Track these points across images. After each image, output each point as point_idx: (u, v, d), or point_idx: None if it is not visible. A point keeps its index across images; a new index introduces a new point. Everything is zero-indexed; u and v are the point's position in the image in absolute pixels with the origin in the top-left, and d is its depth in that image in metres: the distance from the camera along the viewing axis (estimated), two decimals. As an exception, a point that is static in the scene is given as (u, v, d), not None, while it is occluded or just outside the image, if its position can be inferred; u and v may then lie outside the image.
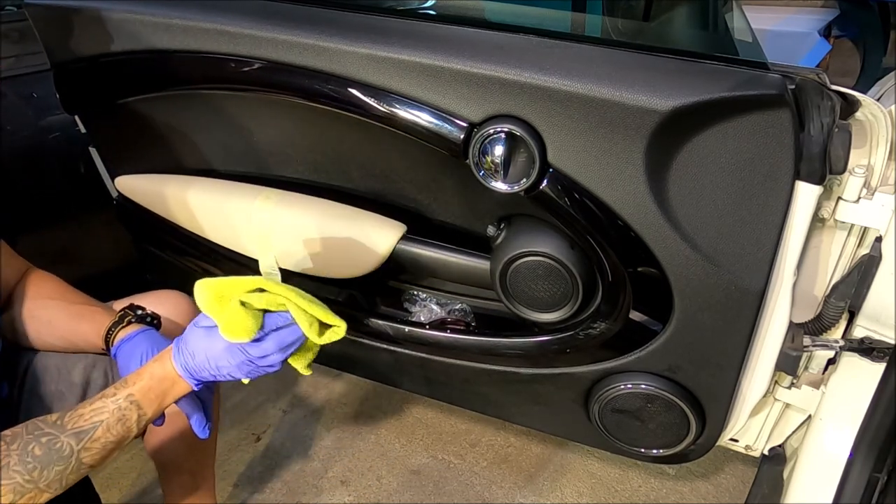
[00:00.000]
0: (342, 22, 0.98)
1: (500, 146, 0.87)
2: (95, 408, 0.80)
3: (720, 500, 1.49)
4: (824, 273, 0.99)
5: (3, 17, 1.46)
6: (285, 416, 1.78)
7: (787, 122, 0.77)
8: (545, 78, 0.82)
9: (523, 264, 0.98)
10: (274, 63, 0.97)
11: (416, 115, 0.91)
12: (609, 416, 1.09)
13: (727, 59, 0.82)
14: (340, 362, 1.33)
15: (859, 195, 0.87)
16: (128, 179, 1.29)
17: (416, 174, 1.05)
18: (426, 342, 1.16)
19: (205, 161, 1.21)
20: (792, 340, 0.96)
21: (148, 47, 1.06)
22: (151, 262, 1.41)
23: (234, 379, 0.86)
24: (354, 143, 1.06)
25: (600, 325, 1.01)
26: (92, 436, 0.78)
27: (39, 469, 0.74)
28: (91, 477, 1.08)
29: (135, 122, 1.21)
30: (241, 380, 0.87)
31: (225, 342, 0.83)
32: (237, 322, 0.82)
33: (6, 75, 1.47)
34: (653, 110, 0.79)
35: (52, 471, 0.75)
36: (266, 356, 0.85)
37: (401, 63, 0.89)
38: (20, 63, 1.48)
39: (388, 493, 1.54)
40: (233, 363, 0.84)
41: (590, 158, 0.86)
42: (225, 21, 0.99)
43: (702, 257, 0.87)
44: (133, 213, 1.32)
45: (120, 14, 1.05)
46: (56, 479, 0.75)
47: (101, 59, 1.11)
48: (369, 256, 1.08)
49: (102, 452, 0.79)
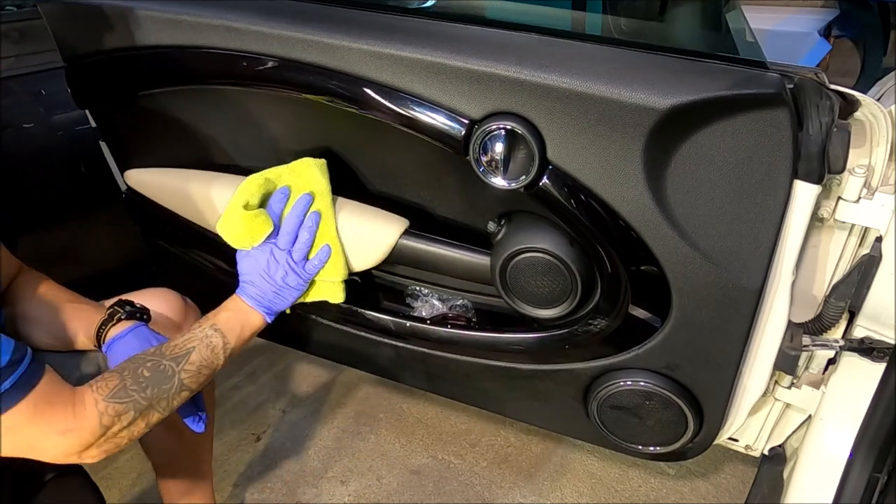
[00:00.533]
0: (346, 19, 0.99)
1: (501, 143, 0.87)
2: (186, 338, 0.92)
3: (720, 500, 1.49)
4: (824, 273, 0.99)
5: (4, 17, 1.46)
6: (285, 416, 1.78)
7: (785, 121, 0.77)
8: (545, 75, 0.83)
9: (523, 260, 0.98)
10: (279, 59, 0.98)
11: (418, 112, 0.91)
12: (607, 413, 1.09)
13: (726, 57, 0.83)
14: (342, 356, 1.34)
15: (859, 195, 0.87)
16: (137, 173, 1.30)
17: (418, 170, 1.05)
18: (427, 337, 1.16)
19: (212, 155, 1.22)
20: (791, 340, 0.96)
21: (159, 43, 1.07)
22: (159, 254, 1.42)
23: (298, 289, 1.03)
24: (358, 138, 1.06)
25: (599, 322, 1.01)
26: (188, 359, 0.89)
27: (151, 387, 0.84)
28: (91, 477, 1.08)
29: (145, 117, 1.22)
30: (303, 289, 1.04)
31: (264, 252, 1.00)
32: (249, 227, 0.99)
33: (6, 75, 1.47)
34: (651, 108, 0.79)
35: (160, 389, 0.85)
36: (293, 237, 1.01)
37: (403, 60, 0.90)
38: (20, 63, 1.48)
39: (388, 493, 1.54)
40: (281, 264, 1.01)
41: (589, 156, 0.86)
42: (233, 18, 1.00)
43: (700, 255, 0.88)
44: (141, 207, 1.33)
45: (131, 10, 1.06)
46: (164, 398, 0.85)
47: (112, 55, 1.13)
48: (372, 250, 1.08)
49: (198, 376, 0.90)
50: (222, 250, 1.28)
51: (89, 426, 0.78)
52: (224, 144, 1.19)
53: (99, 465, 1.58)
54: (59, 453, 0.78)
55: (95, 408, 0.79)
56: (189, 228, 1.28)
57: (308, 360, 1.94)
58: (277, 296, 1.01)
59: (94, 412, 0.79)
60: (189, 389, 0.89)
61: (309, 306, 1.13)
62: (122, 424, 0.81)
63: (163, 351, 0.89)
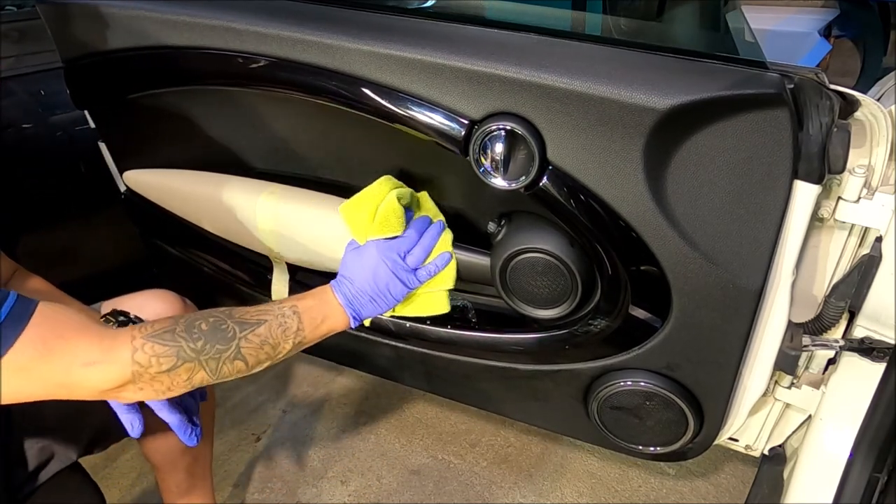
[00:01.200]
0: (345, 19, 0.99)
1: (501, 143, 0.87)
2: (262, 309, 0.84)
3: (720, 500, 1.49)
4: (824, 273, 0.99)
5: (3, 17, 1.46)
6: (285, 416, 1.78)
7: (785, 121, 0.77)
8: (545, 76, 0.83)
9: (523, 261, 0.98)
10: (279, 60, 0.98)
11: (418, 112, 0.91)
12: (608, 413, 1.09)
13: (726, 57, 0.83)
14: (342, 357, 1.34)
15: (859, 195, 0.87)
16: (136, 174, 1.30)
17: (418, 170, 1.05)
18: (427, 338, 1.16)
19: (211, 156, 1.22)
20: (791, 340, 0.96)
21: (158, 43, 1.07)
22: (158, 255, 1.42)
23: (396, 299, 0.95)
24: (358, 139, 1.06)
25: (599, 322, 1.01)
26: (255, 330, 0.81)
27: (203, 341, 0.77)
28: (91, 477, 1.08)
29: (144, 118, 1.22)
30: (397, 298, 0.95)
31: (378, 251, 0.94)
32: (388, 214, 0.94)
33: (6, 75, 1.47)
34: (651, 108, 0.79)
35: (213, 347, 0.77)
36: (412, 248, 0.96)
37: (403, 60, 0.90)
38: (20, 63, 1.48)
39: (388, 493, 1.55)
40: (391, 268, 0.93)
41: (589, 156, 0.86)
42: (231, 18, 1.00)
43: (700, 255, 0.88)
44: (140, 208, 1.33)
45: (130, 11, 1.06)
46: (214, 358, 0.78)
47: (111, 55, 1.13)
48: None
49: (258, 351, 0.81)
50: (223, 252, 1.29)
51: (119, 360, 0.73)
52: (224, 145, 1.19)
53: (99, 464, 1.58)
54: (91, 388, 0.73)
55: (130, 343, 0.74)
56: (189, 230, 1.28)
57: (308, 360, 1.94)
58: (372, 301, 0.94)
59: (128, 346, 0.73)
60: (244, 361, 0.81)
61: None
62: (160, 367, 0.75)
63: (232, 313, 0.82)
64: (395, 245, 0.95)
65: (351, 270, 0.94)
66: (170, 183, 1.24)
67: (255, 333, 0.81)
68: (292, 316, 0.86)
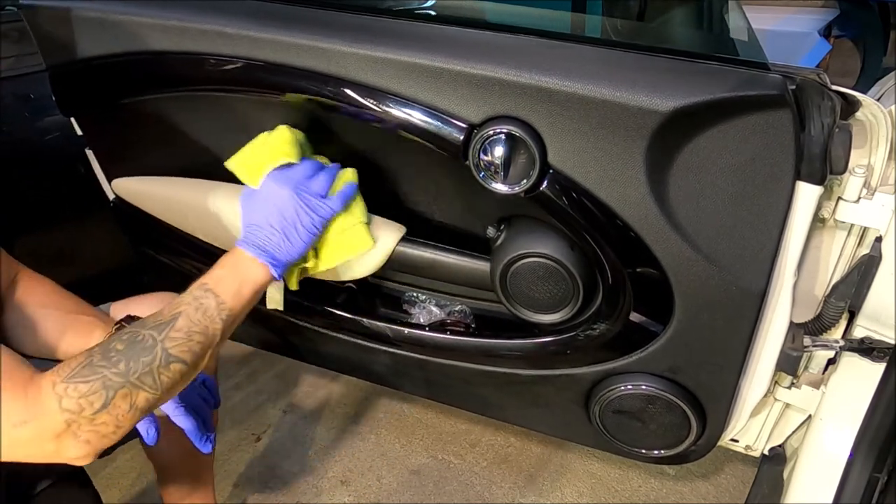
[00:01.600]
0: (341, 23, 0.98)
1: (500, 147, 0.87)
2: (173, 304, 0.79)
3: (720, 500, 1.50)
4: (824, 273, 0.99)
5: (3, 17, 1.46)
6: (285, 416, 1.78)
7: (787, 123, 0.77)
8: (545, 79, 0.82)
9: (523, 266, 0.98)
10: (272, 65, 0.97)
11: (416, 117, 0.91)
12: (610, 418, 1.08)
13: (727, 59, 0.82)
14: (340, 364, 1.33)
15: (859, 195, 0.87)
16: (125, 182, 1.28)
17: (416, 175, 1.05)
18: (426, 344, 1.16)
19: (202, 163, 1.20)
20: (792, 340, 0.96)
21: (144, 49, 1.05)
22: (149, 264, 1.41)
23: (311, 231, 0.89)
24: (354, 144, 1.05)
25: (601, 326, 1.01)
26: (173, 325, 0.76)
27: (125, 361, 0.71)
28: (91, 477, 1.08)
29: (131, 124, 1.20)
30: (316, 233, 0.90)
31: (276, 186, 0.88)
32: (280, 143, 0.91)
33: (6, 75, 1.46)
34: (653, 111, 0.79)
35: (138, 362, 0.72)
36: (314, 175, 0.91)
37: (400, 64, 0.89)
38: (20, 63, 1.48)
39: (388, 493, 1.55)
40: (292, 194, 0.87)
41: (590, 159, 0.86)
42: (222, 22, 0.98)
43: (702, 258, 0.87)
44: (130, 216, 1.32)
45: (116, 15, 1.04)
46: (146, 373, 0.72)
47: (97, 61, 1.11)
48: (370, 258, 1.07)
49: (189, 344, 0.76)
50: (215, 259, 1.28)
51: (47, 413, 0.66)
52: (213, 151, 1.18)
53: (99, 464, 1.58)
54: (32, 451, 0.67)
55: (53, 391, 0.67)
56: (179, 237, 1.26)
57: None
58: (285, 240, 0.87)
59: (52, 396, 0.67)
60: (181, 361, 0.75)
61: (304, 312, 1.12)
62: (93, 408, 0.68)
63: (144, 322, 0.76)
64: (294, 172, 0.90)
65: (251, 216, 0.88)
66: (159, 190, 1.23)
67: (175, 329, 0.76)
68: (205, 295, 0.80)
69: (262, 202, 0.89)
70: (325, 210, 0.91)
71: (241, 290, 0.84)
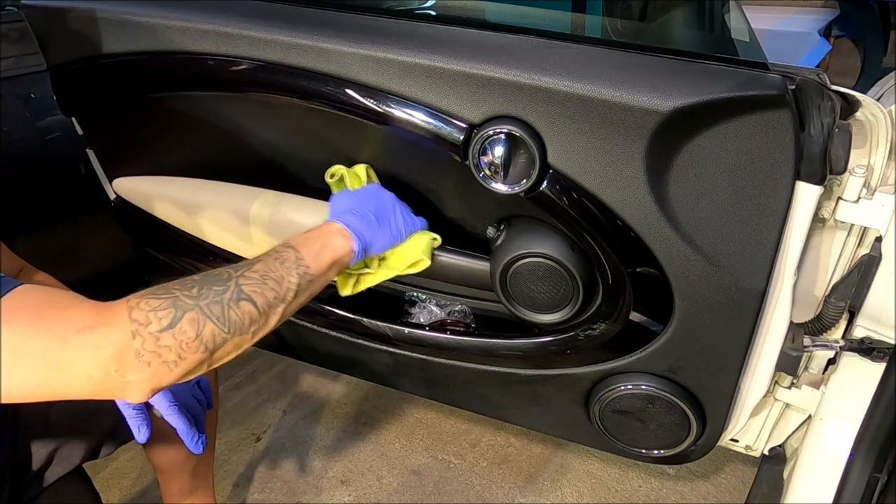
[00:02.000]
0: (342, 23, 0.98)
1: (500, 147, 0.87)
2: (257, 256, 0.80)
3: (720, 500, 1.50)
4: (824, 273, 0.99)
5: (3, 17, 1.46)
6: (285, 416, 1.78)
7: (787, 123, 0.77)
8: (545, 79, 0.82)
9: (523, 265, 0.98)
10: (273, 64, 0.97)
11: (416, 117, 0.91)
12: (609, 417, 1.08)
13: (727, 59, 0.82)
14: (340, 364, 1.33)
15: (859, 195, 0.87)
16: (126, 182, 1.29)
17: (416, 175, 1.05)
18: (426, 344, 1.16)
19: (203, 163, 1.21)
20: (792, 340, 0.96)
21: (146, 49, 1.05)
22: (150, 264, 1.41)
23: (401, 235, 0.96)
24: (354, 144, 1.05)
25: (601, 326, 1.01)
26: (251, 267, 0.77)
27: (198, 287, 0.71)
28: (91, 477, 1.08)
29: (133, 124, 1.20)
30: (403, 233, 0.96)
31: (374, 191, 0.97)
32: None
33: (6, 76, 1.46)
34: (653, 111, 0.79)
35: (210, 290, 0.71)
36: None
37: (400, 64, 0.89)
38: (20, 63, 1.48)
39: (388, 493, 1.55)
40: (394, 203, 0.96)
41: (590, 159, 0.86)
42: (223, 22, 0.98)
43: (702, 258, 0.87)
44: (131, 216, 1.32)
45: (118, 15, 1.05)
46: (216, 302, 0.71)
47: (98, 61, 1.11)
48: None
49: (262, 289, 0.76)
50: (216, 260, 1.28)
51: (116, 320, 0.64)
52: (215, 152, 1.18)
53: (99, 464, 1.58)
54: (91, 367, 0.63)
55: (126, 303, 0.66)
56: (181, 238, 1.26)
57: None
58: (376, 225, 0.92)
59: (123, 306, 0.66)
60: (251, 301, 0.74)
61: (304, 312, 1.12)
62: (161, 324, 0.66)
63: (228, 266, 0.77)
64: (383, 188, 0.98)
65: (346, 204, 0.93)
66: (160, 190, 1.23)
67: (252, 270, 0.76)
68: (286, 249, 0.82)
69: (363, 195, 0.95)
70: (416, 223, 0.98)
71: (322, 253, 0.85)
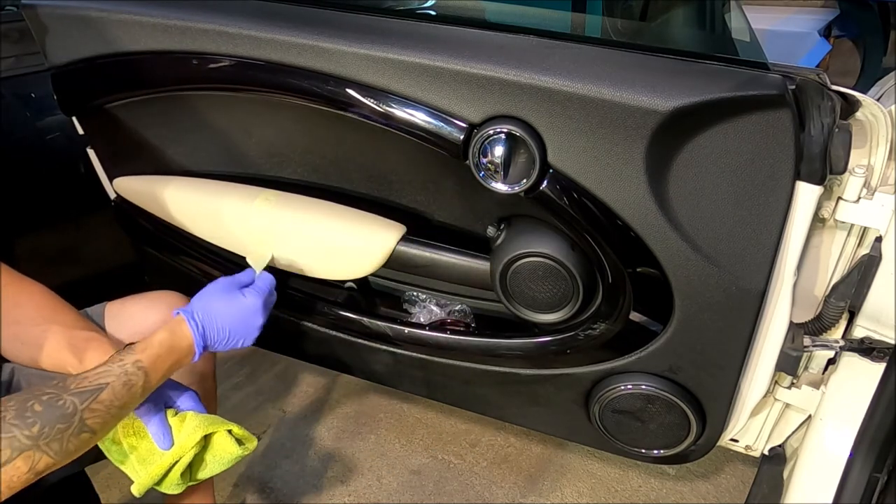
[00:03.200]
0: (342, 23, 0.98)
1: (500, 147, 0.87)
2: (100, 371, 0.76)
3: (720, 500, 1.49)
4: (824, 273, 0.99)
5: (4, 17, 1.46)
6: (285, 416, 1.78)
7: (787, 123, 0.77)
8: (545, 78, 0.82)
9: (523, 265, 0.98)
10: (273, 64, 0.97)
11: (416, 116, 0.91)
12: (609, 417, 1.09)
13: (727, 59, 0.82)
14: (340, 364, 1.33)
15: (859, 195, 0.87)
16: (126, 181, 1.28)
17: (416, 175, 1.05)
18: (426, 343, 1.16)
19: (203, 162, 1.21)
20: (792, 340, 0.96)
21: (146, 48, 1.05)
22: (150, 263, 1.41)
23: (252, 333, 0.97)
24: (354, 143, 1.06)
25: (600, 326, 1.01)
26: (97, 397, 0.73)
27: (39, 425, 0.68)
28: (91, 477, 1.08)
29: (133, 124, 1.20)
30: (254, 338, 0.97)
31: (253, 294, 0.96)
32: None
33: (6, 75, 1.46)
34: (654, 111, 0.79)
35: (53, 428, 0.69)
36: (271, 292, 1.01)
37: (400, 64, 0.89)
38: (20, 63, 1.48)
39: (388, 493, 1.54)
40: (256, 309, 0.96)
41: (590, 159, 0.86)
42: (223, 22, 0.98)
43: (702, 258, 0.87)
44: (131, 215, 1.32)
45: (117, 15, 1.05)
46: (56, 439, 0.69)
47: (98, 61, 1.11)
48: (369, 257, 1.08)
49: (106, 417, 0.74)
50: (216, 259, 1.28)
51: None
52: (215, 151, 1.18)
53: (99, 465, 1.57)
54: None
55: None
56: (181, 237, 1.26)
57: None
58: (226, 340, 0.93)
59: None
60: (91, 432, 0.73)
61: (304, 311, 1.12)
62: None
63: (67, 384, 0.73)
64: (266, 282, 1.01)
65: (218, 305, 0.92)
66: (160, 189, 1.23)
67: (98, 401, 0.73)
68: (137, 373, 0.79)
69: (240, 311, 0.94)
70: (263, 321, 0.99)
71: (170, 370, 0.85)
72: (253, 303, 0.95)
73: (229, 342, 0.93)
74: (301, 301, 1.24)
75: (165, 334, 0.85)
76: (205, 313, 0.90)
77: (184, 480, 0.90)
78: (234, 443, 0.91)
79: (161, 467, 0.87)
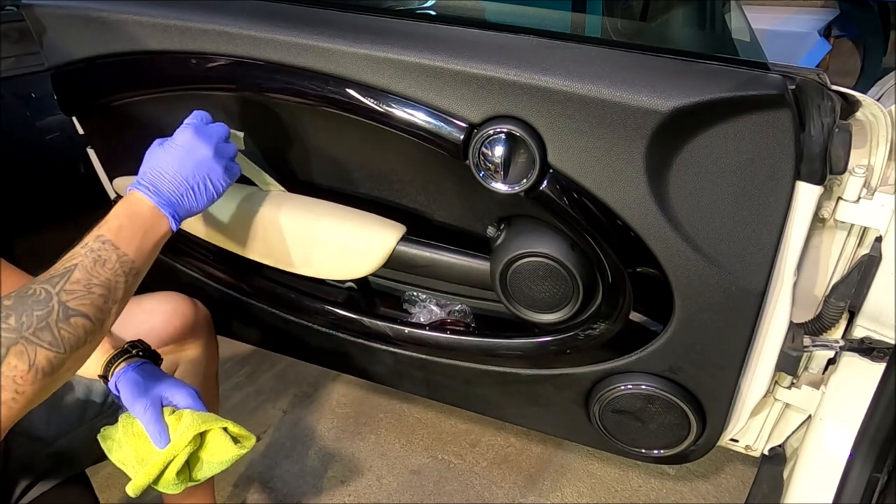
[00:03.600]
0: (342, 23, 0.98)
1: (500, 147, 0.87)
2: (65, 258, 0.72)
3: (720, 500, 1.50)
4: (824, 273, 0.99)
5: (3, 17, 1.46)
6: (285, 416, 1.78)
7: (787, 123, 0.77)
8: (545, 78, 0.82)
9: (523, 265, 0.98)
10: (272, 64, 0.97)
11: (416, 116, 0.91)
12: (609, 417, 1.09)
13: (727, 59, 0.82)
14: (340, 363, 1.33)
15: (859, 195, 0.87)
16: (126, 181, 1.28)
17: (416, 175, 1.05)
18: (426, 343, 1.16)
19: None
20: (792, 340, 0.96)
21: (146, 48, 1.05)
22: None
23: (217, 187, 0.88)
24: (354, 144, 1.06)
25: (601, 326, 1.01)
26: (69, 278, 0.69)
27: (15, 316, 0.65)
28: (91, 477, 1.08)
29: (133, 124, 1.20)
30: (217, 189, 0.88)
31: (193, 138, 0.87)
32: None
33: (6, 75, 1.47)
34: (654, 111, 0.79)
35: (31, 316, 0.65)
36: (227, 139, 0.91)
37: (400, 64, 0.89)
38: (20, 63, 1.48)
39: (388, 493, 1.55)
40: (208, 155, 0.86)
41: (590, 159, 0.86)
42: (223, 22, 0.98)
43: (702, 258, 0.88)
44: None
45: (117, 15, 1.05)
46: (42, 328, 0.65)
47: (98, 61, 1.11)
48: (369, 257, 1.07)
49: (89, 297, 0.70)
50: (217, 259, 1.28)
51: None
52: None
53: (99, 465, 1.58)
54: None
55: None
56: (180, 236, 1.25)
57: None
58: (190, 194, 0.85)
59: None
60: (84, 315, 0.68)
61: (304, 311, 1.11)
62: None
63: (38, 278, 0.70)
64: (216, 130, 0.90)
65: (160, 163, 0.85)
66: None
67: (72, 281, 0.69)
68: (102, 247, 0.74)
69: (179, 152, 0.86)
70: (235, 172, 0.91)
71: (144, 243, 0.79)
72: (187, 139, 0.87)
73: (196, 193, 0.85)
74: (301, 301, 1.24)
75: (121, 205, 0.81)
76: (150, 172, 0.85)
77: (181, 480, 0.90)
78: (231, 441, 0.90)
79: (156, 466, 0.86)
